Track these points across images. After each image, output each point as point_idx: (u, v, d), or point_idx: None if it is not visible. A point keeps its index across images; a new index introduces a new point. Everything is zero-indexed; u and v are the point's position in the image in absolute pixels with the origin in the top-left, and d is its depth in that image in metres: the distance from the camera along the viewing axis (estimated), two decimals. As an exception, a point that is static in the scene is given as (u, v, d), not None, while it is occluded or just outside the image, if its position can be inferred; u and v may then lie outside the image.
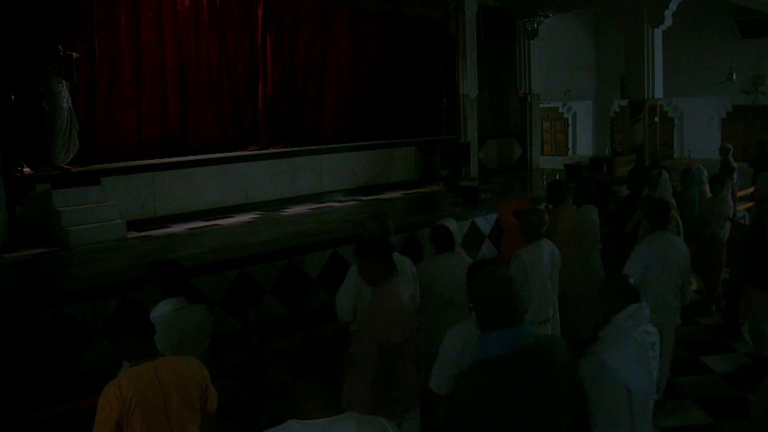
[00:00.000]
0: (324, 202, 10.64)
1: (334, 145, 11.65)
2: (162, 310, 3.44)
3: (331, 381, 2.12)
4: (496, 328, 2.46)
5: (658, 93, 13.90)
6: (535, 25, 13.59)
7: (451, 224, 5.16)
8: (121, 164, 9.19)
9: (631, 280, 3.37)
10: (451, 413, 2.48)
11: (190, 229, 8.69)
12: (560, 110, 22.12)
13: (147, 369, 2.86)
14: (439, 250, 4.87)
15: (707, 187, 8.36)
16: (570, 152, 21.82)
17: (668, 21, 13.50)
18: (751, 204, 10.57)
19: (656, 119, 14.12)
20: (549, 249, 5.00)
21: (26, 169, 8.21)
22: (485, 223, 9.19)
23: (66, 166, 8.39)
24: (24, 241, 7.67)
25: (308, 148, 11.28)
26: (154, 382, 2.84)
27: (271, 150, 11.02)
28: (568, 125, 22.28)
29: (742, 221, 9.24)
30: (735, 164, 10.65)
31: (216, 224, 9.00)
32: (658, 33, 13.64)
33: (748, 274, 5.82)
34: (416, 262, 5.20)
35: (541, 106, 16.09)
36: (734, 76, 18.22)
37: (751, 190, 11.04)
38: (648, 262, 4.98)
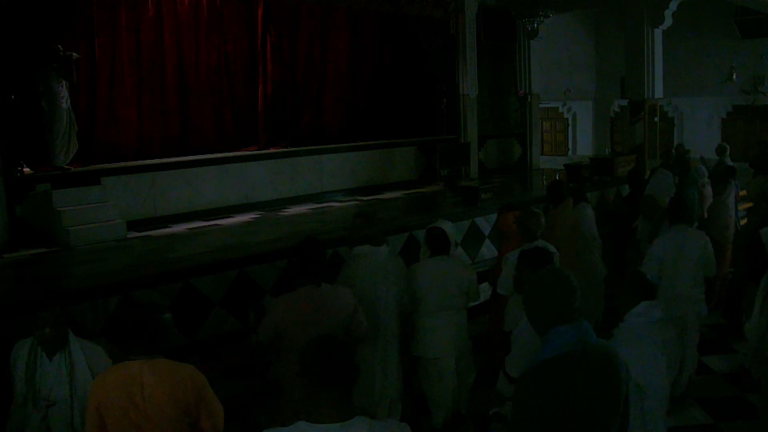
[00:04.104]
0: (324, 202, 10.63)
1: (334, 145, 11.65)
2: None
3: (342, 386, 2.11)
4: (562, 323, 2.34)
5: (658, 93, 13.89)
6: (535, 25, 13.59)
7: (446, 226, 5.14)
8: (121, 164, 9.19)
9: (648, 277, 3.36)
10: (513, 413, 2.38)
11: (190, 229, 8.68)
12: (560, 110, 22.11)
13: (134, 366, 2.85)
14: (434, 253, 4.85)
15: (708, 188, 8.35)
16: (570, 152, 21.79)
17: (668, 21, 13.49)
18: (750, 204, 10.56)
19: (656, 119, 14.11)
20: None
21: (26, 169, 8.21)
22: (485, 223, 9.19)
23: (66, 166, 8.39)
24: (24, 241, 7.67)
25: (308, 148, 11.27)
26: (136, 380, 2.83)
27: (271, 150, 11.02)
28: (568, 125, 22.26)
29: (743, 221, 9.24)
30: (731, 163, 10.65)
31: (216, 224, 8.99)
32: (658, 33, 13.63)
33: (751, 272, 5.84)
34: (415, 262, 5.19)
35: (541, 106, 16.07)
36: (734, 76, 18.21)
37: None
38: (663, 257, 5.14)
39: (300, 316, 3.74)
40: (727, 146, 10.84)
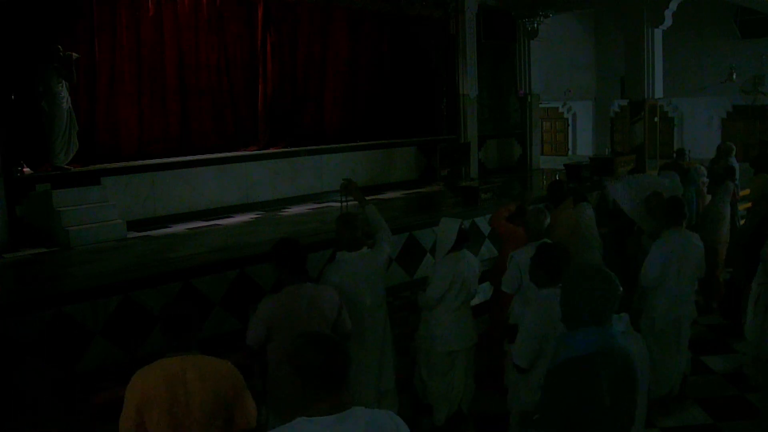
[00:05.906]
0: (324, 202, 10.62)
1: (334, 145, 11.65)
2: None
3: (337, 377, 2.12)
4: (593, 324, 2.40)
5: (658, 93, 13.90)
6: (535, 25, 13.60)
7: (456, 223, 5.12)
8: (121, 164, 9.19)
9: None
10: (541, 409, 2.46)
11: (190, 229, 8.68)
12: (560, 110, 22.13)
13: (174, 363, 2.89)
14: (457, 248, 4.88)
15: (706, 188, 8.35)
16: (570, 152, 21.81)
17: (668, 21, 13.50)
18: (749, 204, 10.56)
19: (656, 119, 14.11)
20: None
21: (26, 169, 8.21)
22: (485, 223, 9.18)
23: (66, 166, 8.39)
24: (24, 241, 7.67)
25: (308, 148, 11.28)
26: (178, 377, 2.85)
27: (271, 150, 11.02)
28: (568, 125, 22.29)
29: (742, 221, 9.24)
30: (735, 164, 10.64)
31: (216, 224, 8.99)
32: (658, 33, 13.64)
33: (751, 272, 5.85)
34: (416, 262, 5.20)
35: (541, 106, 16.08)
36: (734, 76, 18.22)
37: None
38: (666, 259, 5.12)
39: (290, 314, 3.75)
40: (733, 146, 10.82)
